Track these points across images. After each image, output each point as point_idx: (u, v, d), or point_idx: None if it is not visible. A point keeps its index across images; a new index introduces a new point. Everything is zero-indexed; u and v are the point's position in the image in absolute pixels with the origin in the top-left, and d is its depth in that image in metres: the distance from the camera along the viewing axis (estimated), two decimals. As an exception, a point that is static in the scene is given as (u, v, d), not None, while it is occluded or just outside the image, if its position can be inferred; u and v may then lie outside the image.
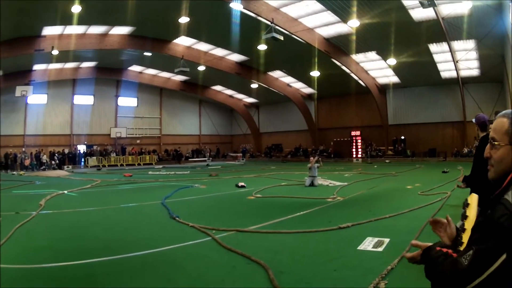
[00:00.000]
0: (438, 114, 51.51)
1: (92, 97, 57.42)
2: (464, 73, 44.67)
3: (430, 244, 2.87)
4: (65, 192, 24.33)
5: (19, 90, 45.64)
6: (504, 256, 2.23)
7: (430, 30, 34.72)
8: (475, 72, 44.15)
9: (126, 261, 10.22)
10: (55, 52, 37.06)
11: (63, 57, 41.12)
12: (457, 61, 41.10)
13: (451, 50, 38.74)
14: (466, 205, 3.00)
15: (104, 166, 52.60)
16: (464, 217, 2.93)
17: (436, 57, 42.05)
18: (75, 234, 13.11)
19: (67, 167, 48.39)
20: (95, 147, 55.77)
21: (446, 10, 32.28)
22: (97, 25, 37.68)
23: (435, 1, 28.37)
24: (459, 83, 45.90)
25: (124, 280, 8.86)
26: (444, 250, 2.67)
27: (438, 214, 14.56)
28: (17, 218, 15.05)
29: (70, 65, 48.52)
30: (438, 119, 51.72)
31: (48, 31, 36.63)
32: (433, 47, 39.81)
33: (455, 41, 37.60)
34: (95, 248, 11.27)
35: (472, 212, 2.85)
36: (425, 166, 40.93)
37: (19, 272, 9.12)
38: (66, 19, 33.61)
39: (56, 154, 50.34)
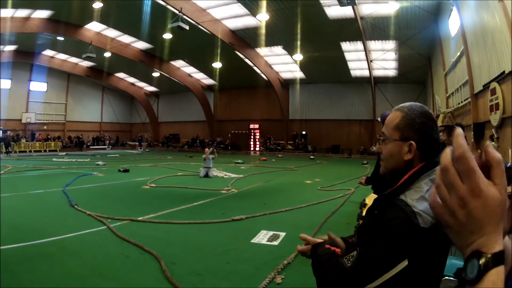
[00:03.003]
0: (344, 112, 52.22)
1: (9, 81, 55.43)
2: (378, 72, 45.31)
3: (320, 240, 2.80)
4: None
5: None
6: (405, 263, 2.11)
7: (344, 29, 34.86)
8: (391, 73, 44.88)
9: (24, 250, 10.11)
10: None
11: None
12: (371, 61, 41.70)
13: (365, 49, 39.07)
14: (363, 205, 3.08)
15: (15, 152, 51.17)
16: (361, 217, 2.98)
17: (348, 56, 42.43)
18: None
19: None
20: (8, 133, 53.57)
21: (368, 9, 32.51)
22: (23, 8, 36.64)
23: (356, 0, 28.54)
24: (371, 82, 46.58)
25: (21, 269, 8.74)
26: (332, 248, 2.58)
27: (340, 209, 14.72)
28: None
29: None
30: (343, 116, 52.41)
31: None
32: (345, 45, 40.09)
33: (372, 40, 38.00)
34: (4, 235, 11.10)
35: None
36: (327, 162, 41.34)
37: None
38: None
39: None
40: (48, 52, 52.99)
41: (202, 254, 9.82)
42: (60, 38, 44.45)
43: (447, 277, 4.20)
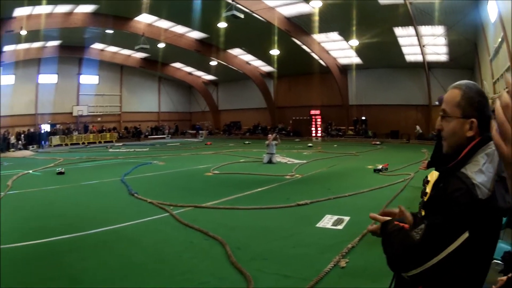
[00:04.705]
0: (401, 97, 50.56)
1: (56, 76, 55.88)
2: (431, 57, 44.35)
3: (390, 218, 2.79)
4: (30, 172, 23.98)
5: None
6: (466, 235, 2.19)
7: (396, 14, 34.02)
8: (443, 58, 43.56)
9: (86, 238, 10.17)
10: (23, 32, 36.43)
11: (31, 37, 40.22)
12: (423, 46, 41.09)
13: (417, 35, 38.29)
14: (426, 182, 2.94)
15: (66, 144, 51.47)
16: (424, 193, 2.87)
17: (401, 41, 41.63)
18: (40, 213, 13.01)
19: (32, 147, 46.93)
20: (58, 126, 54.45)
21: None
22: (63, 4, 36.83)
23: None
24: (425, 67, 45.48)
25: (85, 256, 8.81)
26: (401, 224, 2.60)
27: (401, 195, 14.64)
28: None
29: (37, 44, 47.28)
30: (401, 101, 50.92)
31: (18, 12, 35.78)
32: (398, 31, 39.40)
33: (423, 26, 37.12)
34: (58, 226, 11.20)
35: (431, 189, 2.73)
36: (387, 147, 40.68)
37: None
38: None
39: (22, 135, 48.73)
40: (98, 46, 53.44)
41: (267, 239, 9.74)
42: (109, 31, 44.82)
43: (494, 260, 4.18)
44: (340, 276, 7.40)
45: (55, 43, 48.69)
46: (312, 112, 55.35)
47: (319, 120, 54.21)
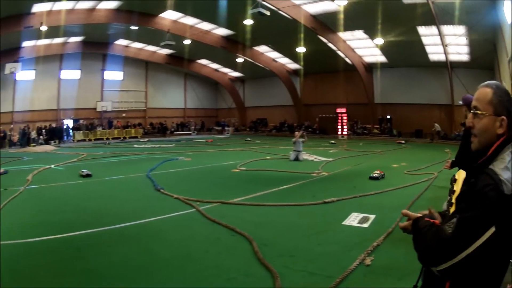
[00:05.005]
0: (425, 96, 49.99)
1: (78, 71, 56.32)
2: (453, 57, 44.05)
3: (420, 215, 2.80)
4: (52, 166, 24.17)
5: (8, 68, 44.67)
6: (492, 229, 2.25)
7: (419, 13, 33.94)
8: (464, 58, 43.22)
9: (109, 233, 10.26)
10: (43, 28, 36.78)
11: (51, 32, 40.61)
12: (446, 45, 40.91)
13: (440, 34, 38.23)
14: (454, 180, 3.01)
15: (90, 140, 51.90)
16: (452, 192, 2.93)
17: (425, 40, 41.46)
18: (61, 208, 13.08)
19: (54, 142, 47.27)
20: (81, 121, 54.93)
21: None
22: (85, 0, 37.25)
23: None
24: (448, 66, 45.30)
25: (107, 251, 8.89)
26: (432, 220, 2.63)
27: (425, 194, 14.60)
28: (5, 194, 14.91)
29: (58, 40, 47.61)
30: (424, 101, 50.46)
31: (37, 8, 35.96)
32: (421, 30, 39.22)
33: (445, 25, 37.02)
34: (80, 221, 11.30)
35: (459, 187, 2.78)
36: (411, 146, 40.33)
37: (7, 249, 8.96)
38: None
39: (44, 129, 49.13)
40: (122, 42, 53.86)
41: (294, 235, 9.78)
42: (134, 28, 45.15)
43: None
44: (365, 274, 7.43)
45: (78, 39, 49.17)
46: (338, 110, 55.39)
47: (345, 118, 54.07)
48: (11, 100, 48.64)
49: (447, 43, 39.69)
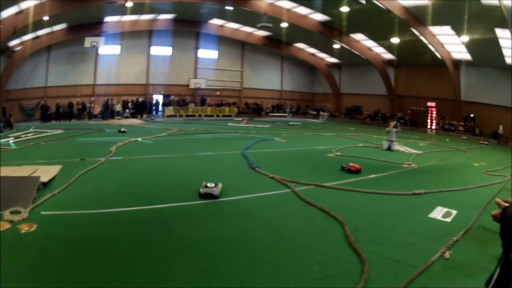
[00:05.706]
0: (506, 98, 49.64)
1: (170, 48, 57.04)
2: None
3: (508, 204, 2.87)
4: (139, 139, 24.98)
5: (88, 41, 45.88)
6: None
7: (494, 15, 33.68)
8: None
9: (200, 207, 10.91)
10: (129, 4, 37.15)
11: (138, 9, 41.30)
12: (517, 49, 40.11)
13: (512, 38, 37.38)
14: None
15: (181, 116, 52.71)
16: None
17: (501, 42, 39.81)
18: (146, 180, 13.81)
19: (142, 116, 48.56)
20: (172, 97, 55.72)
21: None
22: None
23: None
24: (522, 71, 43.97)
25: (197, 226, 9.49)
26: None
27: (497, 196, 13.97)
28: (83, 165, 15.64)
29: (146, 17, 48.74)
30: (505, 103, 49.81)
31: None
32: (498, 32, 37.88)
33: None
34: (167, 194, 11.98)
35: None
36: (490, 147, 39.57)
37: (90, 218, 9.73)
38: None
39: (130, 103, 50.48)
40: (216, 21, 53.97)
41: (383, 223, 10.26)
42: (229, 8, 45.14)
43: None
44: (443, 267, 7.82)
45: (168, 16, 49.75)
46: (429, 104, 54.68)
47: (434, 112, 53.69)
48: (91, 73, 49.77)
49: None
